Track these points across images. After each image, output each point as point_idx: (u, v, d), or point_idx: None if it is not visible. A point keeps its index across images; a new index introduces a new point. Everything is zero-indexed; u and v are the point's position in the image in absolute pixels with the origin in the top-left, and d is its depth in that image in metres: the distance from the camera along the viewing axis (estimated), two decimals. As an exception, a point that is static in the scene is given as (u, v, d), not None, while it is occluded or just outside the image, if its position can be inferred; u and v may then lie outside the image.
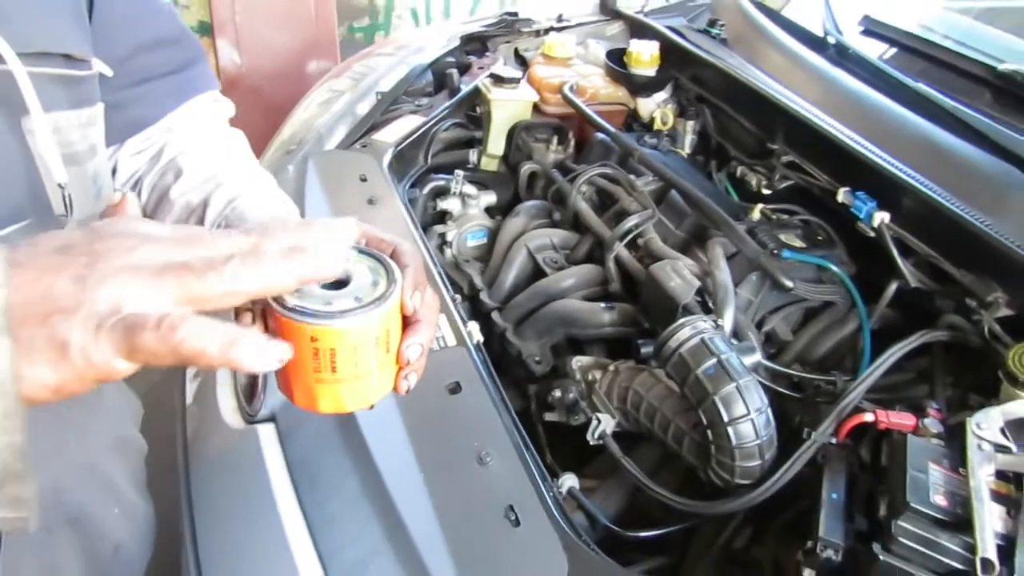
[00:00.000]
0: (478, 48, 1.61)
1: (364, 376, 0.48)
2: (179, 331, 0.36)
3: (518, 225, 1.29)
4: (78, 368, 0.36)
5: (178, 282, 0.37)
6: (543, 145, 1.45)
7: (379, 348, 0.47)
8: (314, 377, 0.46)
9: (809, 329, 1.06)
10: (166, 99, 0.72)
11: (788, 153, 1.22)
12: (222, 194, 0.67)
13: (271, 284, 0.39)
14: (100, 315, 0.36)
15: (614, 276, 1.14)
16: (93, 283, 0.36)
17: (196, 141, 0.72)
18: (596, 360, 1.07)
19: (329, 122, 1.32)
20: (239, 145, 0.77)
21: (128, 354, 0.36)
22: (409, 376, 0.50)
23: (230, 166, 0.71)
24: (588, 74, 1.53)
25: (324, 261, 0.40)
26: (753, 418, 0.79)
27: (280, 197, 0.71)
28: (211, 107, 0.77)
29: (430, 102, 1.38)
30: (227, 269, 0.38)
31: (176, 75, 0.72)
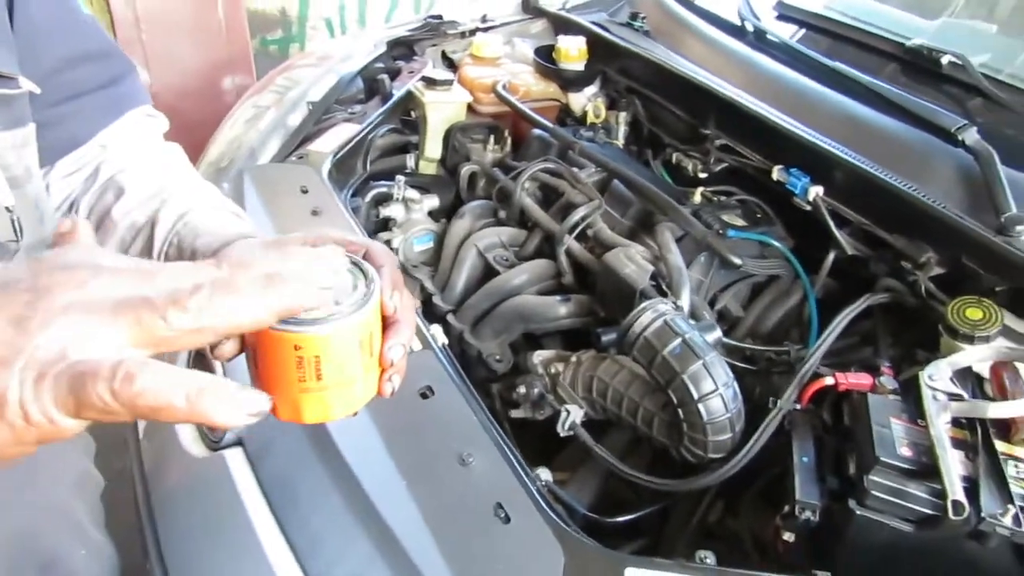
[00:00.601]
0: (405, 53, 1.60)
1: (350, 381, 0.47)
2: (136, 381, 0.31)
3: (464, 226, 1.29)
4: (16, 428, 0.31)
5: (135, 320, 0.32)
6: (480, 145, 1.45)
7: (363, 352, 0.46)
8: (299, 387, 0.45)
9: (758, 304, 1.09)
10: (97, 116, 0.68)
11: (721, 137, 1.27)
12: (170, 210, 0.64)
13: (245, 320, 0.35)
14: (42, 363, 0.31)
15: (566, 269, 1.16)
16: (35, 325, 0.31)
17: (135, 157, 0.69)
18: (557, 353, 1.08)
19: (260, 137, 1.28)
20: (179, 159, 0.74)
21: (75, 410, 0.31)
22: (393, 378, 0.49)
23: (174, 181, 0.68)
24: (518, 72, 1.54)
25: (307, 292, 0.37)
26: (721, 392, 0.81)
27: (231, 208, 0.68)
28: (145, 122, 0.74)
29: (363, 109, 1.36)
30: (192, 303, 0.33)
31: (106, 90, 0.69)
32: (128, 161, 0.68)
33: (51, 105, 0.63)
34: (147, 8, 2.52)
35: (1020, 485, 0.65)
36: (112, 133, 0.69)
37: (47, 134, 0.64)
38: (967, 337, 0.81)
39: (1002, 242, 0.87)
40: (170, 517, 0.81)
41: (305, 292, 0.37)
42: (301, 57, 1.70)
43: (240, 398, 0.34)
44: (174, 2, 2.56)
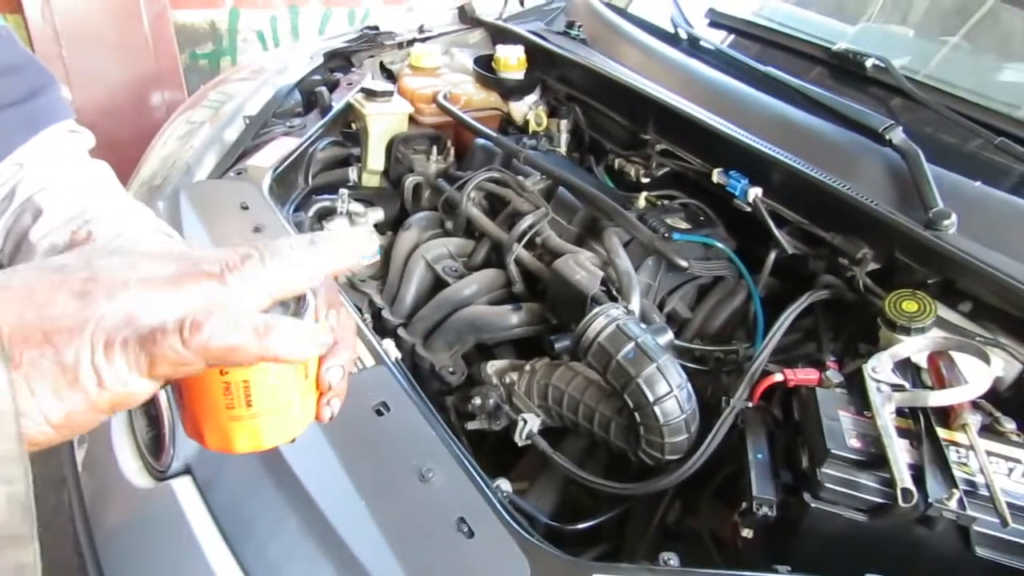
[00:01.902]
0: (343, 64, 1.58)
1: (283, 407, 0.44)
2: (205, 328, 0.33)
3: (411, 238, 1.27)
4: (90, 395, 0.32)
5: (197, 287, 0.34)
6: (423, 156, 1.44)
7: (297, 375, 0.44)
8: (227, 415, 0.42)
9: (704, 305, 1.12)
10: (13, 132, 0.64)
11: (661, 142, 1.29)
12: (96, 232, 0.61)
13: (297, 279, 0.37)
14: (110, 329, 0.32)
15: (516, 277, 1.16)
16: (100, 296, 0.32)
17: (55, 176, 0.65)
18: (510, 362, 1.08)
19: (195, 153, 1.24)
20: (106, 177, 0.70)
21: (149, 369, 0.33)
22: (332, 402, 0.47)
23: (99, 201, 0.64)
24: (458, 82, 1.54)
25: (351, 251, 0.39)
26: (676, 394, 0.82)
27: (163, 230, 0.65)
28: (67, 139, 0.70)
29: (303, 122, 1.33)
30: (247, 268, 0.35)
31: (22, 105, 0.65)
32: (47, 180, 0.64)
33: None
34: (66, 23, 2.43)
35: (962, 470, 0.68)
36: (29, 150, 0.65)
37: None
38: (904, 329, 0.85)
39: (931, 236, 0.90)
40: (115, 554, 0.77)
41: (347, 253, 0.39)
42: (234, 71, 1.66)
43: (306, 330, 0.37)
44: (95, 16, 2.47)
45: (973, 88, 1.19)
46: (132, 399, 0.33)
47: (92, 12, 2.45)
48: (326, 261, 0.38)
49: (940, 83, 1.22)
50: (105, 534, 0.80)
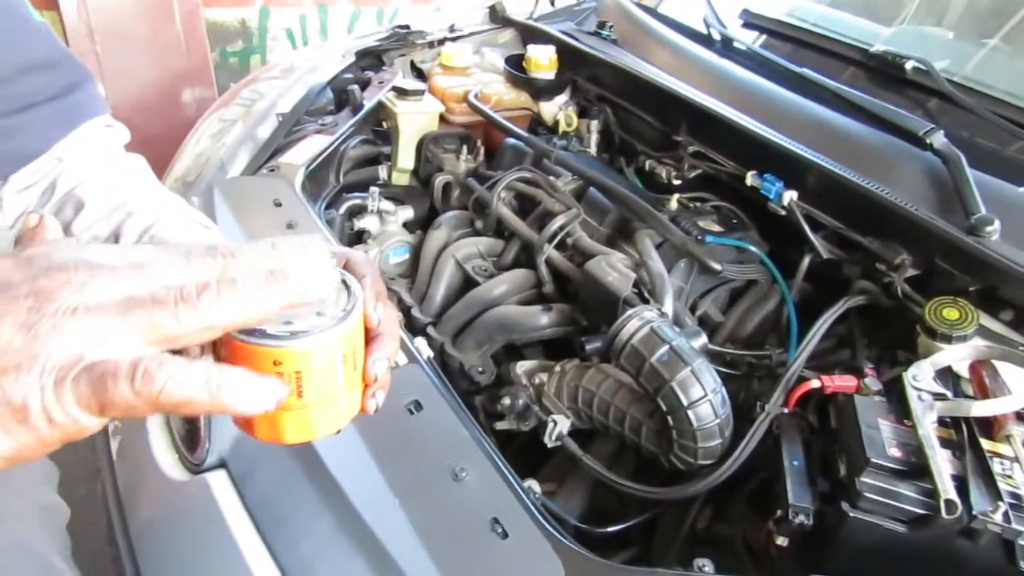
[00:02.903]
0: (374, 63, 1.58)
1: (332, 399, 0.45)
2: (156, 379, 0.32)
3: (441, 237, 1.27)
4: (40, 433, 0.31)
5: (147, 320, 0.33)
6: (452, 155, 1.44)
7: (346, 367, 0.45)
8: (278, 407, 0.42)
9: (737, 309, 1.11)
10: (51, 127, 0.65)
11: (693, 143, 1.28)
12: (135, 223, 0.61)
13: (253, 314, 0.35)
14: (59, 367, 0.31)
15: (547, 278, 1.15)
16: (46, 330, 0.31)
17: (94, 169, 0.66)
18: (540, 363, 1.07)
19: (228, 150, 1.25)
20: (142, 170, 0.71)
21: (99, 411, 0.32)
22: (377, 394, 0.48)
23: (138, 192, 0.65)
24: (488, 81, 1.54)
25: (311, 284, 0.37)
26: (711, 399, 0.81)
27: (199, 220, 0.66)
28: (104, 133, 0.71)
29: (334, 120, 1.34)
30: (203, 301, 0.33)
31: (60, 100, 0.66)
32: (87, 173, 0.65)
33: (1, 117, 0.61)
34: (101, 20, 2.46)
35: (1007, 482, 0.66)
36: (68, 145, 0.66)
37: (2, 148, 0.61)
38: (945, 337, 0.83)
39: (974, 243, 0.89)
40: (150, 545, 0.78)
41: (311, 282, 0.37)
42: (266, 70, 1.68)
43: (259, 385, 0.36)
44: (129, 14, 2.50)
45: (1014, 91, 1.16)
46: (82, 434, 0.33)
47: (126, 9, 2.49)
48: (285, 294, 0.36)
49: (979, 85, 1.19)
50: (139, 525, 0.80)
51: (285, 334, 0.41)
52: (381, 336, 0.48)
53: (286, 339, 0.41)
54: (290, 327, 0.42)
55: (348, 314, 0.44)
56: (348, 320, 0.44)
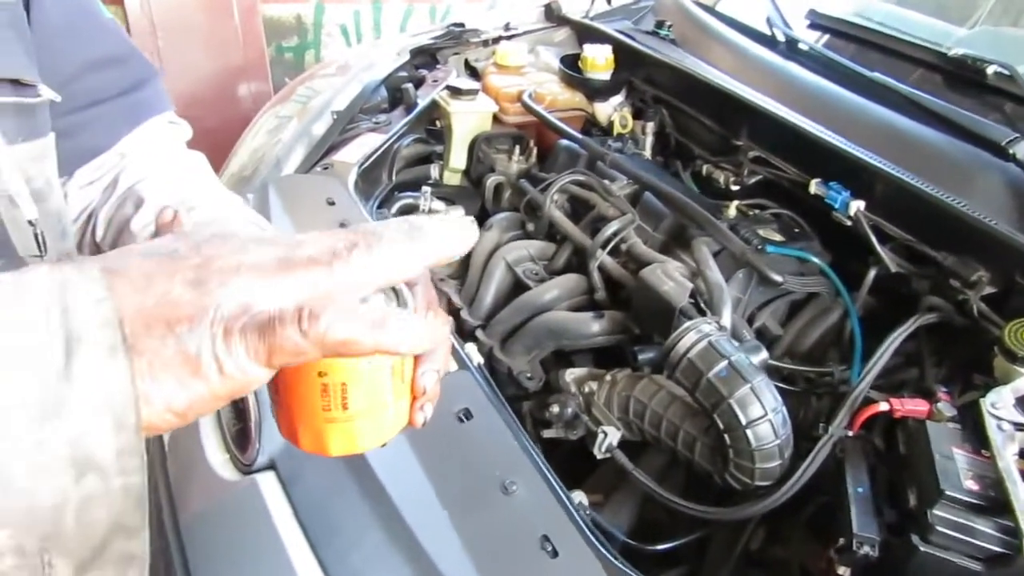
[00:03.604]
0: (428, 61, 1.58)
1: (379, 411, 0.43)
2: (322, 319, 0.32)
3: (492, 239, 1.26)
4: (212, 383, 0.32)
5: (306, 274, 0.33)
6: (505, 156, 1.42)
7: (394, 378, 0.43)
8: (323, 417, 0.41)
9: (796, 322, 1.06)
10: (117, 123, 0.65)
11: (753, 148, 1.24)
12: (194, 220, 0.61)
13: (401, 268, 0.36)
14: (228, 318, 0.32)
15: (599, 284, 1.13)
16: (215, 285, 0.32)
17: (155, 166, 0.66)
18: (590, 371, 1.05)
19: (284, 147, 1.26)
20: (203, 168, 0.71)
21: (267, 357, 0.32)
22: (425, 407, 0.46)
23: (197, 191, 0.65)
24: (542, 81, 1.52)
25: (453, 240, 0.37)
26: (771, 418, 0.78)
27: (256, 221, 0.65)
28: (167, 130, 0.71)
29: (388, 119, 1.33)
30: (354, 257, 0.34)
31: (127, 96, 0.66)
32: (148, 170, 0.65)
33: (70, 112, 0.61)
34: (163, 15, 2.52)
35: (1096, 522, 0.62)
36: (132, 141, 0.66)
37: (65, 143, 0.61)
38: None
39: (1060, 261, 0.83)
40: (199, 540, 0.78)
41: (452, 238, 0.37)
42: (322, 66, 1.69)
43: (420, 326, 0.36)
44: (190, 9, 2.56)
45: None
46: (250, 386, 0.33)
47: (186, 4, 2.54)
48: (430, 249, 0.36)
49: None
50: (189, 520, 0.81)
51: None
52: (435, 349, 0.47)
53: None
54: None
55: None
56: None
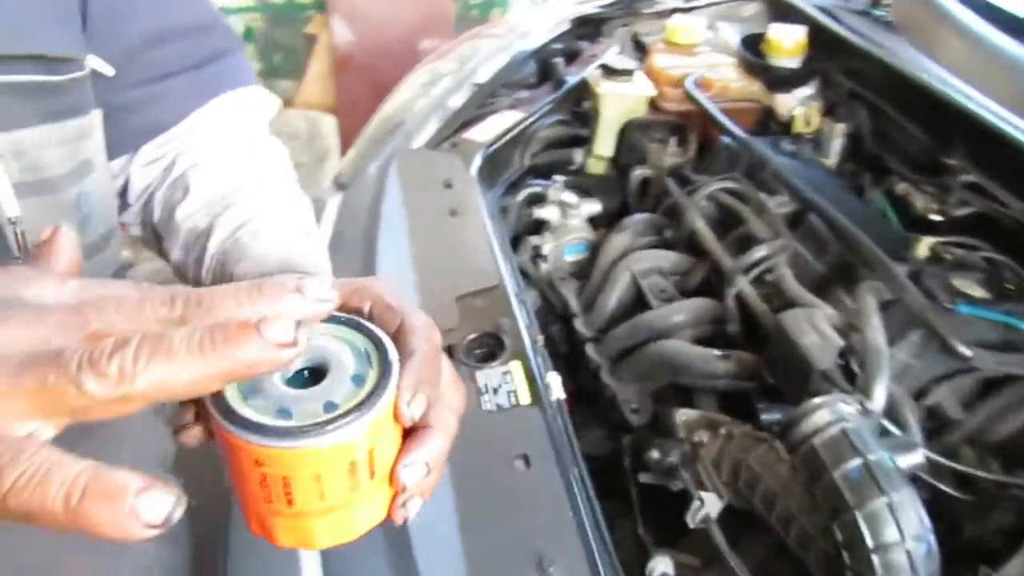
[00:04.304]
0: (591, 32, 1.43)
1: (336, 509, 0.35)
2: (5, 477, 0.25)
3: (623, 242, 1.12)
4: None
5: (40, 385, 0.26)
6: (659, 146, 1.26)
7: (357, 474, 0.34)
8: (267, 508, 0.34)
9: (987, 405, 0.82)
10: (185, 98, 0.60)
11: (970, 171, 0.98)
12: (230, 218, 0.54)
13: (182, 387, 0.27)
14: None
15: (734, 315, 0.95)
16: None
17: (213, 151, 0.60)
18: (705, 416, 0.90)
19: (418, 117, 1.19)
20: (269, 159, 0.64)
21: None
22: (409, 504, 0.37)
23: (245, 184, 0.58)
24: (717, 64, 1.32)
25: (266, 353, 0.28)
26: (909, 548, 0.59)
27: (303, 227, 0.57)
28: (240, 109, 0.65)
29: (531, 95, 1.22)
30: (113, 366, 0.26)
31: (199, 70, 0.61)
32: (204, 155, 0.60)
33: (136, 85, 0.57)
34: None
35: None
36: (199, 119, 0.61)
37: (130, 117, 0.57)
38: None
39: None
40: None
41: (255, 352, 0.28)
42: (489, 27, 1.61)
43: (139, 503, 0.26)
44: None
45: None
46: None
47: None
48: (226, 365, 0.27)
49: None
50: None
51: (274, 430, 0.32)
52: (427, 431, 0.37)
53: (273, 437, 0.32)
54: (285, 420, 0.33)
55: (364, 411, 0.33)
56: (362, 419, 0.33)
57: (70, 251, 0.35)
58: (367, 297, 0.40)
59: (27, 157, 0.46)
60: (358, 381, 0.36)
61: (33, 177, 0.46)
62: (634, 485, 0.93)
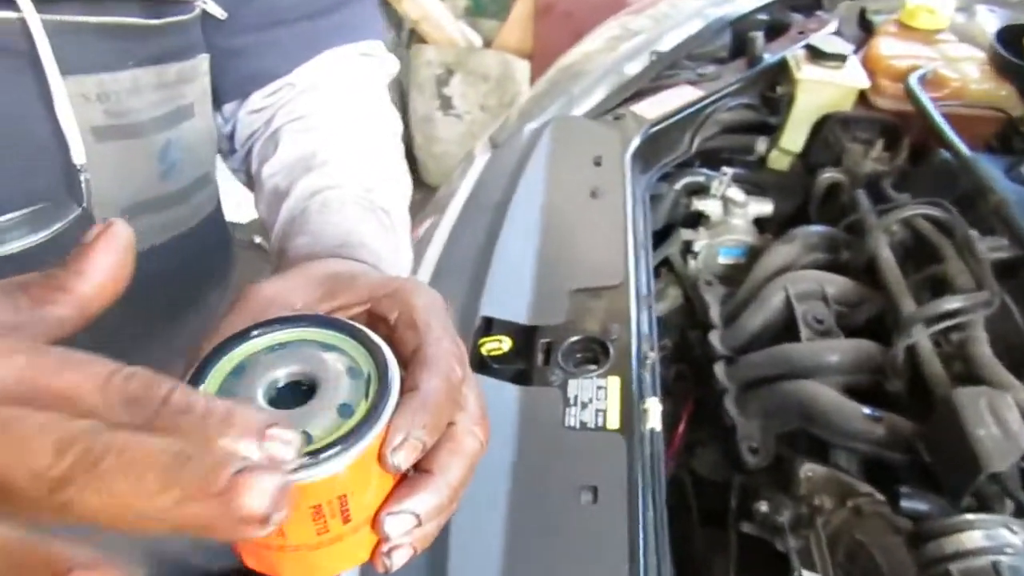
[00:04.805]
0: (808, 3, 1.23)
1: (300, 548, 0.31)
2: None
3: (787, 255, 0.97)
4: None
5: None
6: (861, 148, 1.07)
7: (324, 519, 0.30)
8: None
9: None
10: (298, 48, 0.57)
11: None
12: (306, 184, 0.51)
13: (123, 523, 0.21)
14: None
15: (900, 371, 0.79)
16: None
17: (311, 108, 0.57)
18: (835, 478, 0.77)
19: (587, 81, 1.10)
20: (372, 124, 0.59)
21: None
22: (394, 554, 0.32)
23: (336, 150, 0.54)
24: (959, 58, 1.08)
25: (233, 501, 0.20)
26: None
27: (386, 208, 0.51)
28: (359, 65, 0.61)
29: (717, 71, 1.08)
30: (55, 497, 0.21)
31: (316, 19, 0.57)
32: (303, 110, 0.56)
33: (249, 30, 0.54)
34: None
35: None
36: (310, 70, 0.58)
37: (239, 64, 0.55)
38: None
39: None
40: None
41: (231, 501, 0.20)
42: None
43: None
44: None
45: None
46: None
47: None
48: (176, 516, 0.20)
49: None
50: None
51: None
52: (424, 478, 0.32)
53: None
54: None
55: (342, 451, 0.29)
56: (334, 462, 0.29)
57: (111, 268, 0.26)
58: (396, 306, 0.35)
59: (114, 100, 0.45)
60: (345, 412, 0.31)
61: (118, 121, 0.45)
62: (735, 532, 0.83)
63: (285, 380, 0.32)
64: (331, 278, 0.37)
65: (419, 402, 0.31)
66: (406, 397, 0.31)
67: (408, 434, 0.30)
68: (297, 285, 0.36)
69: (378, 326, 0.35)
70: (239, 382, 0.32)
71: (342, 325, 0.34)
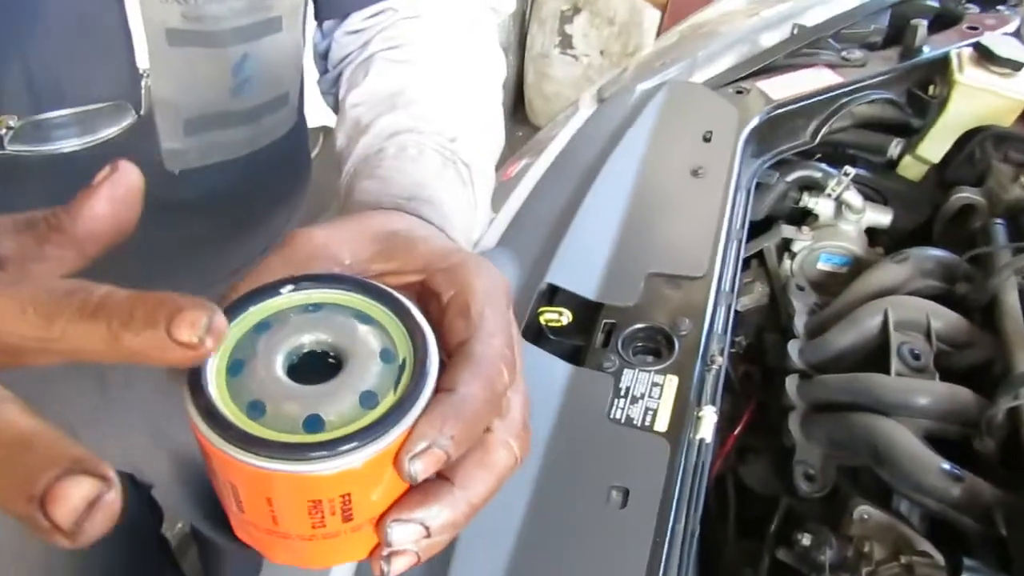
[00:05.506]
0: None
1: (292, 537, 0.29)
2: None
3: (896, 275, 0.88)
4: None
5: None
6: (1012, 171, 0.95)
7: (322, 514, 0.28)
8: (225, 503, 0.30)
9: None
10: None
11: None
12: (387, 122, 0.47)
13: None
14: None
15: (996, 431, 0.71)
16: None
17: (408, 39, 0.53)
18: (891, 527, 0.71)
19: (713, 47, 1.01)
20: (471, 69, 0.54)
21: None
22: (393, 560, 0.29)
23: (427, 91, 0.50)
24: None
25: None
26: None
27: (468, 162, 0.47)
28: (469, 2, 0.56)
29: (865, 57, 0.97)
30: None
31: None
32: (399, 40, 0.52)
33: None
34: None
35: None
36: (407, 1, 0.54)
37: None
38: None
39: None
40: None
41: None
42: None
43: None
44: None
45: None
46: None
47: None
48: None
49: None
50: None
51: (233, 424, 0.27)
52: (443, 488, 0.29)
53: (219, 433, 0.26)
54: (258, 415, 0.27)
55: (357, 447, 0.26)
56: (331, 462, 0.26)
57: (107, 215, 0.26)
58: (453, 285, 0.31)
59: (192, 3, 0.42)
60: (368, 402, 0.28)
61: (195, 26, 0.43)
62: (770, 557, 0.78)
63: (310, 348, 0.30)
64: (389, 236, 0.34)
65: (452, 408, 0.27)
66: (439, 398, 0.28)
67: (433, 443, 0.27)
68: (350, 237, 0.33)
69: (430, 302, 0.31)
70: (260, 339, 0.29)
71: (387, 296, 0.30)
